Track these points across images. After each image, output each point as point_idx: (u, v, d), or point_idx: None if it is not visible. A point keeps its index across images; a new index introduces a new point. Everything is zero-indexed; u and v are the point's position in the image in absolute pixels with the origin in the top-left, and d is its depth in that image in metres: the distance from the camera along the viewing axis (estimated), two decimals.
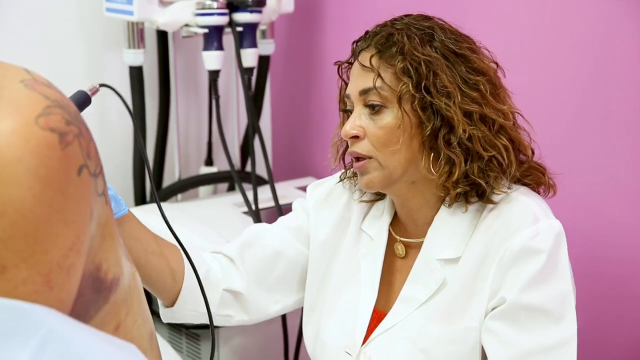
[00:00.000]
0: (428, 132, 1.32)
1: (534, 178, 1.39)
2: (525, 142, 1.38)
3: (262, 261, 1.50)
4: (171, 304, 1.45)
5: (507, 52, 1.45)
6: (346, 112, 1.43)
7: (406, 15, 1.41)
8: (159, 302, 1.48)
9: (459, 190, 1.32)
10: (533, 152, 1.40)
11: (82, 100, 1.32)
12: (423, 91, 1.31)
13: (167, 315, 1.48)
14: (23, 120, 0.72)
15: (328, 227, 1.50)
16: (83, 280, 0.79)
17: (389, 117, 1.34)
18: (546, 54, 1.91)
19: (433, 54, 1.33)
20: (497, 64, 1.40)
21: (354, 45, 1.42)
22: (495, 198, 1.33)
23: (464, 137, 1.31)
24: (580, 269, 1.40)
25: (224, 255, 1.52)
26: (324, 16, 2.49)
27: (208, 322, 1.41)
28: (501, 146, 1.33)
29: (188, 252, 1.39)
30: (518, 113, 1.40)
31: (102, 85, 1.35)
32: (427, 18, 1.40)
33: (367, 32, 1.41)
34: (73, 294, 0.77)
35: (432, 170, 1.33)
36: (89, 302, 0.82)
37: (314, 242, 1.50)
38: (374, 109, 1.35)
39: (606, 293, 1.86)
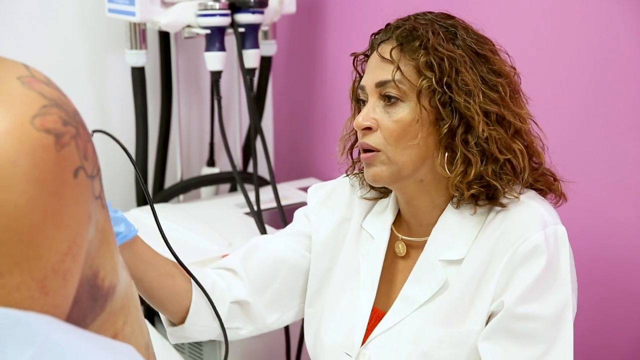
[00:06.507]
0: (445, 130, 1.31)
1: (545, 184, 1.38)
2: (539, 148, 1.37)
3: (265, 269, 1.48)
4: (180, 322, 1.43)
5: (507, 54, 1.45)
6: (359, 103, 1.40)
7: (428, 13, 1.40)
8: (165, 322, 1.46)
9: (472, 191, 1.30)
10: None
11: None
12: (445, 87, 1.30)
13: (177, 334, 1.45)
14: (18, 121, 0.69)
15: (329, 226, 1.48)
16: (80, 286, 0.78)
17: (404, 111, 1.32)
18: (547, 55, 1.90)
19: (457, 51, 1.32)
20: (515, 69, 1.38)
21: (373, 37, 1.40)
22: (504, 201, 1.31)
23: (482, 137, 1.29)
24: (583, 270, 1.40)
25: (226, 269, 1.50)
26: (326, 17, 2.49)
27: (215, 337, 1.39)
28: (517, 150, 1.32)
29: (189, 268, 1.38)
30: (532, 120, 1.38)
31: None
32: (449, 17, 1.39)
33: (387, 25, 1.39)
34: (69, 300, 0.75)
35: (448, 169, 1.32)
36: (85, 310, 0.80)
37: (315, 243, 1.49)
38: (390, 101, 1.33)
39: (609, 293, 1.85)
